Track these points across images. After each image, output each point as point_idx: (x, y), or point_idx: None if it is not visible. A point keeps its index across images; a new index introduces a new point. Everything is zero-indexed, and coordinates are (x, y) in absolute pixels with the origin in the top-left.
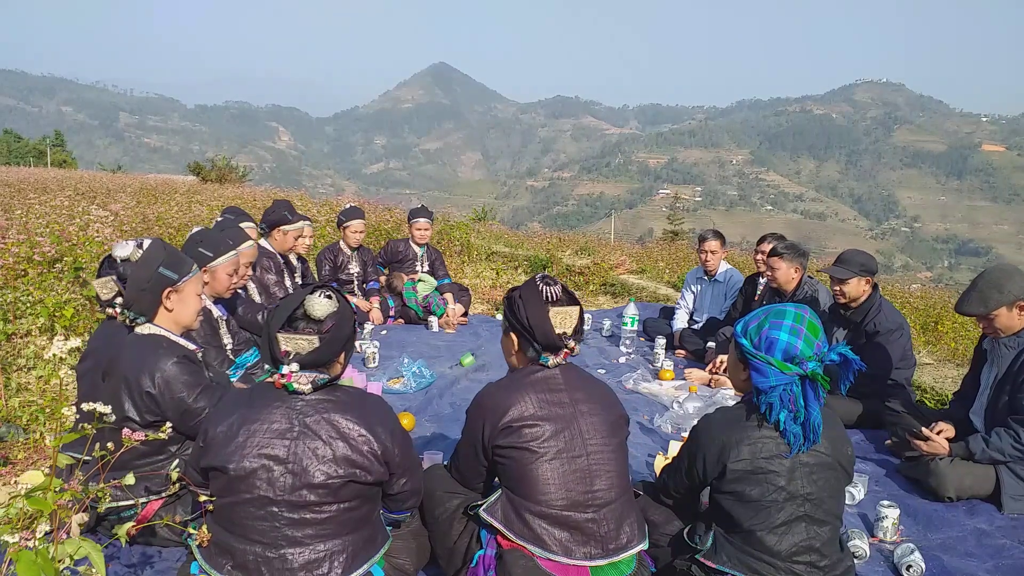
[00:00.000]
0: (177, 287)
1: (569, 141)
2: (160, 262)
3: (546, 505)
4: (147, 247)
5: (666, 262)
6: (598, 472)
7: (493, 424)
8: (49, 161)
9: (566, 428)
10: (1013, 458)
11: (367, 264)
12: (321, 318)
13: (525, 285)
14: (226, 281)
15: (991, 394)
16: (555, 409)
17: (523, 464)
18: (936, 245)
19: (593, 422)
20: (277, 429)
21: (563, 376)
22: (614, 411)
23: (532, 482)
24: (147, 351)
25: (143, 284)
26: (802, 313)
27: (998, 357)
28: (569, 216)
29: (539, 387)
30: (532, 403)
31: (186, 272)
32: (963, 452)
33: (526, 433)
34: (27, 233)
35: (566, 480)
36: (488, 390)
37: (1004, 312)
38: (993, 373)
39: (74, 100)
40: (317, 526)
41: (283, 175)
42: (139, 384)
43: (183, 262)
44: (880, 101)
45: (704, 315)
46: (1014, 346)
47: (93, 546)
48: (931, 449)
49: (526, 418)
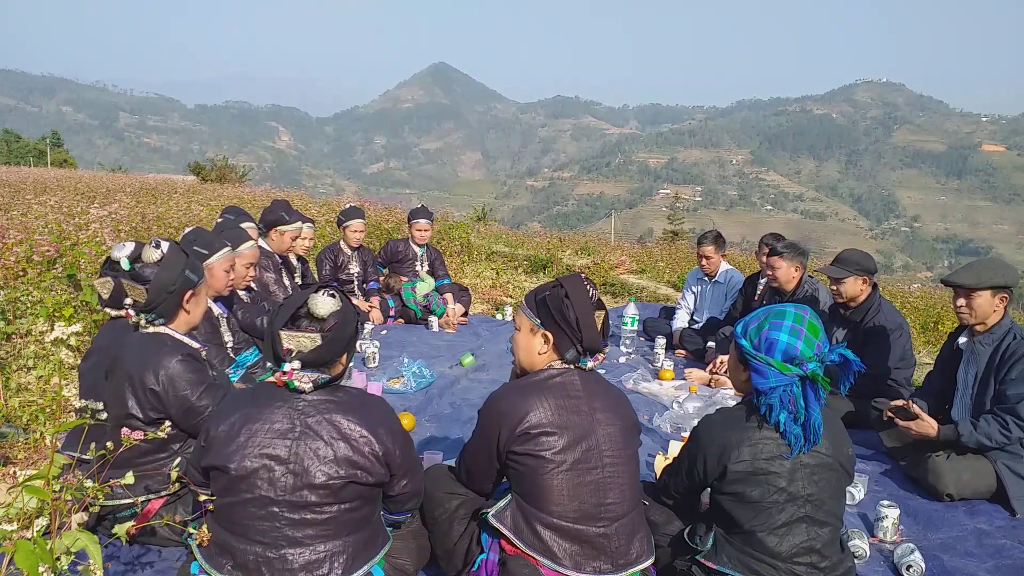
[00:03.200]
0: (196, 289)
1: (569, 141)
2: (184, 265)
3: (558, 516)
4: (168, 250)
5: (666, 262)
6: (611, 485)
7: (510, 429)
8: (49, 161)
9: (583, 439)
10: (999, 444)
11: (367, 264)
12: (324, 316)
13: (571, 284)
14: (223, 278)
15: (975, 392)
16: (573, 417)
17: (537, 473)
18: (936, 245)
19: (610, 432)
20: (279, 429)
21: (581, 381)
22: (629, 420)
23: (545, 492)
24: (152, 349)
25: (170, 287)
26: (802, 314)
27: (975, 355)
28: (569, 216)
29: (557, 392)
30: (550, 409)
31: (201, 274)
32: (951, 434)
33: (543, 441)
34: (27, 233)
35: (579, 492)
36: (504, 392)
37: (987, 295)
38: (972, 372)
39: (74, 100)
40: (318, 526)
41: (283, 175)
42: (143, 381)
43: (198, 265)
44: (880, 101)
45: (705, 315)
46: (989, 343)
47: (91, 538)
48: (919, 428)
49: (544, 425)
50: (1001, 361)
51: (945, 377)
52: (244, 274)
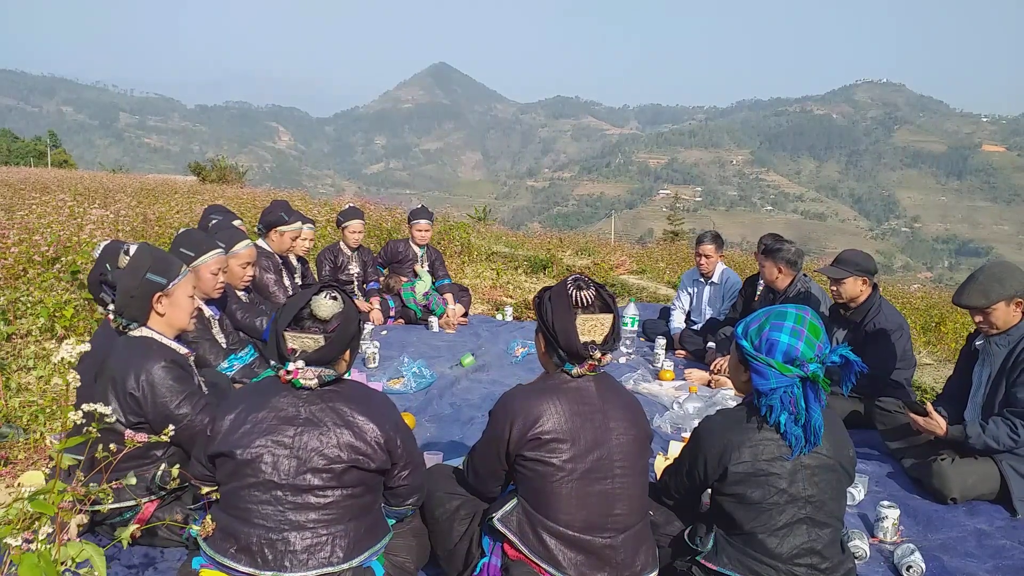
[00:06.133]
0: (167, 291)
1: (569, 141)
2: (147, 268)
3: (564, 525)
4: (134, 253)
5: (666, 262)
6: (621, 496)
7: (522, 431)
8: (49, 161)
9: (595, 448)
10: (1007, 447)
11: (367, 264)
12: (327, 318)
13: (556, 286)
14: (211, 280)
15: (986, 393)
16: (587, 425)
17: (546, 479)
18: (936, 245)
19: (622, 443)
20: (284, 416)
21: (597, 388)
22: (643, 430)
23: (553, 500)
24: (136, 352)
25: (132, 291)
26: (803, 315)
27: (990, 356)
28: (569, 216)
29: (572, 397)
30: (564, 415)
31: (174, 276)
32: (959, 435)
33: (554, 448)
34: (27, 233)
35: (587, 502)
36: (518, 393)
37: (1003, 307)
38: (986, 372)
39: (74, 100)
40: (320, 511)
41: (283, 175)
42: (124, 385)
43: (170, 266)
44: (880, 101)
45: (703, 316)
46: (1005, 344)
47: (95, 549)
48: (928, 426)
49: (556, 431)
50: (1014, 363)
51: (962, 380)
52: (241, 274)
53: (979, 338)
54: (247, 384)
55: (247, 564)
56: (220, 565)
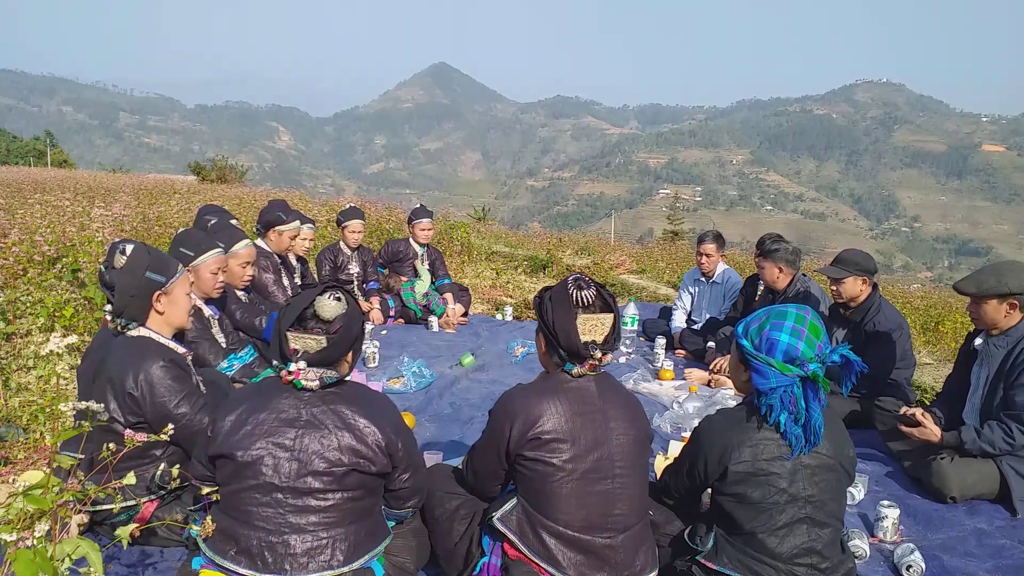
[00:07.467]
0: (166, 289)
1: (569, 141)
2: (146, 267)
3: (564, 525)
4: (131, 253)
5: (666, 262)
6: (621, 496)
7: (522, 431)
8: (49, 161)
9: (596, 448)
10: (1002, 451)
11: (367, 264)
12: (330, 319)
13: (556, 286)
14: (210, 280)
15: (984, 394)
16: (587, 425)
17: (546, 480)
18: (936, 245)
19: (622, 443)
20: (285, 418)
21: (597, 388)
22: (643, 430)
23: (553, 500)
24: (134, 353)
25: (132, 291)
26: (803, 314)
27: (989, 357)
28: (569, 216)
29: (572, 397)
30: (564, 415)
31: (172, 273)
32: (954, 440)
33: (555, 448)
34: (28, 233)
35: (587, 502)
36: (518, 393)
37: (994, 303)
38: (985, 373)
39: (74, 100)
40: (320, 514)
41: (283, 175)
42: (123, 385)
43: (168, 264)
44: (880, 101)
45: (704, 316)
46: (1004, 345)
47: (91, 545)
48: (922, 435)
49: (557, 431)
50: (1012, 365)
51: (961, 379)
52: (241, 274)
53: (978, 338)
54: (248, 384)
55: (247, 566)
56: (220, 567)
